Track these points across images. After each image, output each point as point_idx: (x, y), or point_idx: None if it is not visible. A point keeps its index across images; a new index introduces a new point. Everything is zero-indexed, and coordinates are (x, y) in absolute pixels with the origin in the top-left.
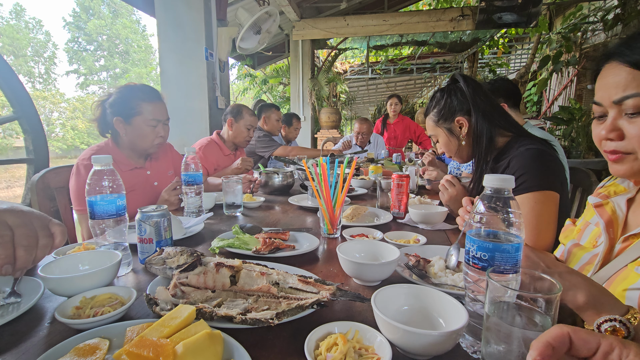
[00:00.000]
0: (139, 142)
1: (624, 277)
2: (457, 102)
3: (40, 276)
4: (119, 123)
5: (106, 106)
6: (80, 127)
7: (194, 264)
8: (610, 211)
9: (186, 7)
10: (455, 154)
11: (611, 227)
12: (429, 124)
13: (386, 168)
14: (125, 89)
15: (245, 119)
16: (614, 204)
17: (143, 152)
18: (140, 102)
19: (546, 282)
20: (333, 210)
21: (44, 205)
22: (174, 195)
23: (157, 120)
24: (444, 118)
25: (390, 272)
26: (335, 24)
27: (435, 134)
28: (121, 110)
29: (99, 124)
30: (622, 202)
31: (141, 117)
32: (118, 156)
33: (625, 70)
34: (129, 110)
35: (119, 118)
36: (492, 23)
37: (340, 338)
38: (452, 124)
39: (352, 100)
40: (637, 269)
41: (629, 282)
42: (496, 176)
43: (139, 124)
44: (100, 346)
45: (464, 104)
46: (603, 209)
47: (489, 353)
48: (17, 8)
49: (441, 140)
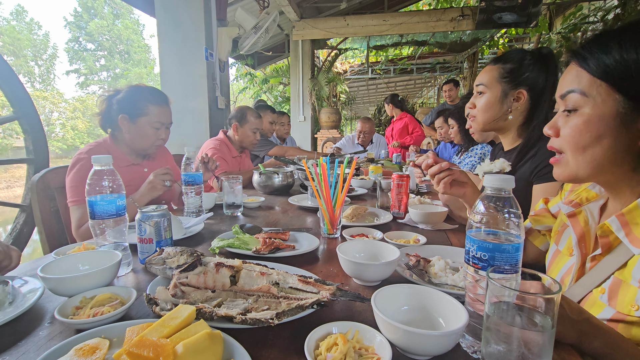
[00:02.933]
0: (139, 141)
1: (590, 303)
2: (532, 75)
3: (40, 276)
4: (123, 120)
5: (113, 102)
6: (80, 127)
7: (194, 264)
8: (583, 222)
9: (186, 7)
10: (486, 119)
11: (583, 241)
12: (490, 74)
13: (386, 168)
14: (135, 89)
15: (250, 123)
16: (587, 213)
17: (141, 151)
18: (148, 104)
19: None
20: (333, 210)
21: (44, 205)
22: (159, 178)
23: (161, 123)
24: (511, 79)
25: (390, 272)
26: (335, 24)
27: (487, 85)
28: (128, 108)
29: (102, 118)
30: (595, 210)
31: (146, 118)
32: (116, 152)
33: (576, 69)
34: (136, 109)
35: (125, 116)
36: (492, 23)
37: (340, 338)
38: (512, 91)
39: (352, 100)
40: (602, 297)
41: (594, 311)
42: (496, 176)
43: (143, 125)
44: (100, 346)
45: (538, 81)
46: (576, 220)
47: (489, 353)
48: (18, 9)
49: (488, 97)
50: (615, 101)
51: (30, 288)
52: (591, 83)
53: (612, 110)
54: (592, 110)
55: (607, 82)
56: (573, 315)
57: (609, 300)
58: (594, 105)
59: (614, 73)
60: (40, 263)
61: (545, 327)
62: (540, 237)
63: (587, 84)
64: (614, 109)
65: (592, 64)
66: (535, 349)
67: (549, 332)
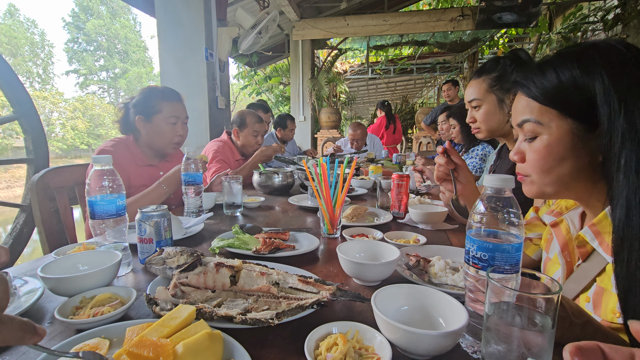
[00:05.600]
0: (158, 139)
1: None
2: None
3: (40, 276)
4: (140, 121)
5: (129, 107)
6: (80, 127)
7: (194, 264)
8: (565, 231)
9: (186, 7)
10: (490, 127)
11: (566, 250)
12: (479, 87)
13: (386, 168)
14: (147, 90)
15: (249, 127)
16: (568, 221)
17: (161, 150)
18: (160, 101)
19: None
20: (333, 210)
21: (44, 205)
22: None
23: (176, 117)
24: (502, 86)
25: (390, 272)
26: (335, 24)
27: (481, 98)
28: (142, 109)
29: (121, 125)
30: (576, 217)
31: (161, 115)
32: (135, 151)
33: (525, 99)
34: (150, 108)
35: (140, 116)
36: (492, 23)
37: (340, 338)
38: (506, 95)
39: (352, 100)
40: (587, 305)
41: None
42: (496, 176)
43: (159, 122)
44: (100, 346)
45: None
46: (558, 229)
47: (489, 353)
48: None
49: (486, 108)
50: (568, 124)
51: (30, 288)
52: (541, 111)
53: (567, 133)
54: (549, 136)
55: (555, 109)
56: (575, 318)
57: (594, 309)
58: (549, 131)
59: (556, 98)
60: (40, 263)
61: (545, 327)
62: (532, 247)
63: (538, 113)
64: (568, 132)
65: (536, 92)
66: (535, 349)
67: (549, 332)
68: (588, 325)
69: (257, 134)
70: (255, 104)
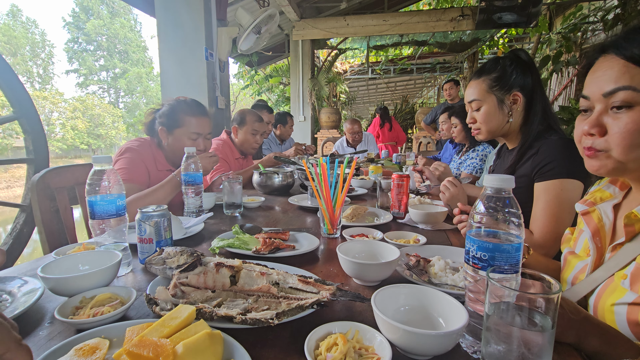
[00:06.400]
0: (178, 152)
1: (611, 290)
2: (518, 77)
3: (40, 276)
4: (162, 132)
5: (157, 115)
6: (80, 127)
7: (194, 264)
8: (597, 219)
9: (186, 7)
10: (490, 128)
11: (598, 236)
12: (478, 87)
13: (386, 168)
14: (175, 102)
15: (248, 125)
16: (600, 212)
17: (178, 162)
18: (184, 116)
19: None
20: (333, 210)
21: (44, 205)
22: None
23: (198, 134)
24: (501, 87)
25: (390, 272)
26: (335, 24)
27: (481, 99)
28: (166, 120)
29: (147, 128)
30: (608, 209)
31: (182, 129)
32: (157, 154)
33: (620, 63)
34: (173, 121)
35: (163, 128)
36: (492, 23)
37: (340, 338)
38: (506, 96)
39: (352, 100)
40: (624, 282)
41: (616, 296)
42: (496, 176)
43: (180, 136)
44: (100, 346)
45: (525, 81)
46: (590, 217)
47: (489, 353)
48: (14, 9)
49: (486, 109)
50: None
51: (30, 288)
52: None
53: None
54: None
55: None
56: (572, 315)
57: (631, 285)
58: None
59: None
60: (40, 263)
61: (545, 327)
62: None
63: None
64: None
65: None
66: (535, 349)
67: (549, 332)
68: (586, 321)
69: (257, 133)
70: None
